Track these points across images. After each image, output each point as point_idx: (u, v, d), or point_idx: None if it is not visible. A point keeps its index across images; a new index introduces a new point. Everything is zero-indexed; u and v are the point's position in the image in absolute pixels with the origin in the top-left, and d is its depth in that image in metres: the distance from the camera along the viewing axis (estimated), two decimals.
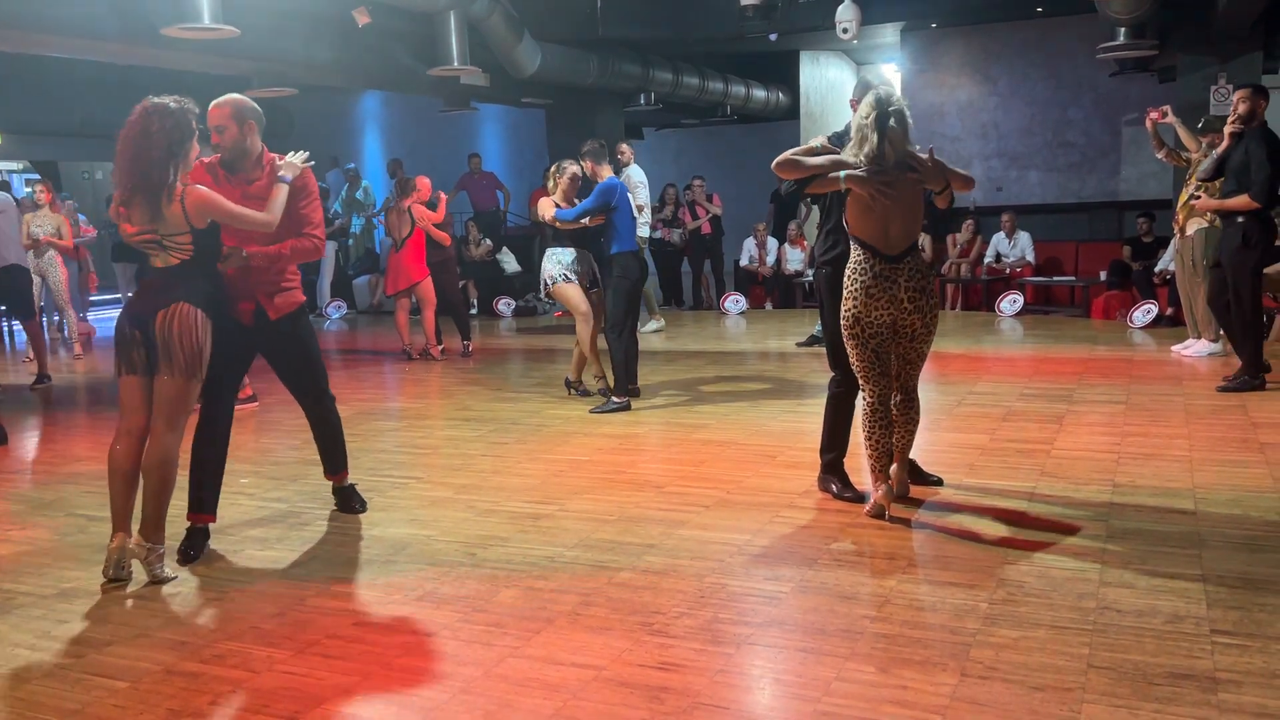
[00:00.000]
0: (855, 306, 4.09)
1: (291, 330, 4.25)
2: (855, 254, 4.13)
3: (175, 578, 3.82)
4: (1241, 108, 6.61)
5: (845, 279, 4.14)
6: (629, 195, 6.96)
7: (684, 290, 13.87)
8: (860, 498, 4.48)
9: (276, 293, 4.19)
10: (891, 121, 3.99)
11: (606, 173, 6.89)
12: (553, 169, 7.07)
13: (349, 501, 4.63)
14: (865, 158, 4.01)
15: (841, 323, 4.16)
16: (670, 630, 3.20)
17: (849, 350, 4.19)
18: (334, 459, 4.59)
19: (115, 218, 3.88)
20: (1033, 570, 3.58)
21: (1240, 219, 6.55)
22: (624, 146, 10.39)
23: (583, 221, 6.79)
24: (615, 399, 6.69)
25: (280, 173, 4.05)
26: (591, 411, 6.65)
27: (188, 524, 4.13)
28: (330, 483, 4.65)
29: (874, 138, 4.00)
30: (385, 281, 9.69)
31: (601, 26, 11.03)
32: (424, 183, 9.53)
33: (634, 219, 6.95)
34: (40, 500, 5.08)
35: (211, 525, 4.21)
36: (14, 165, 17.51)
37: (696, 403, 6.86)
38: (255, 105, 4.10)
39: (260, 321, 4.18)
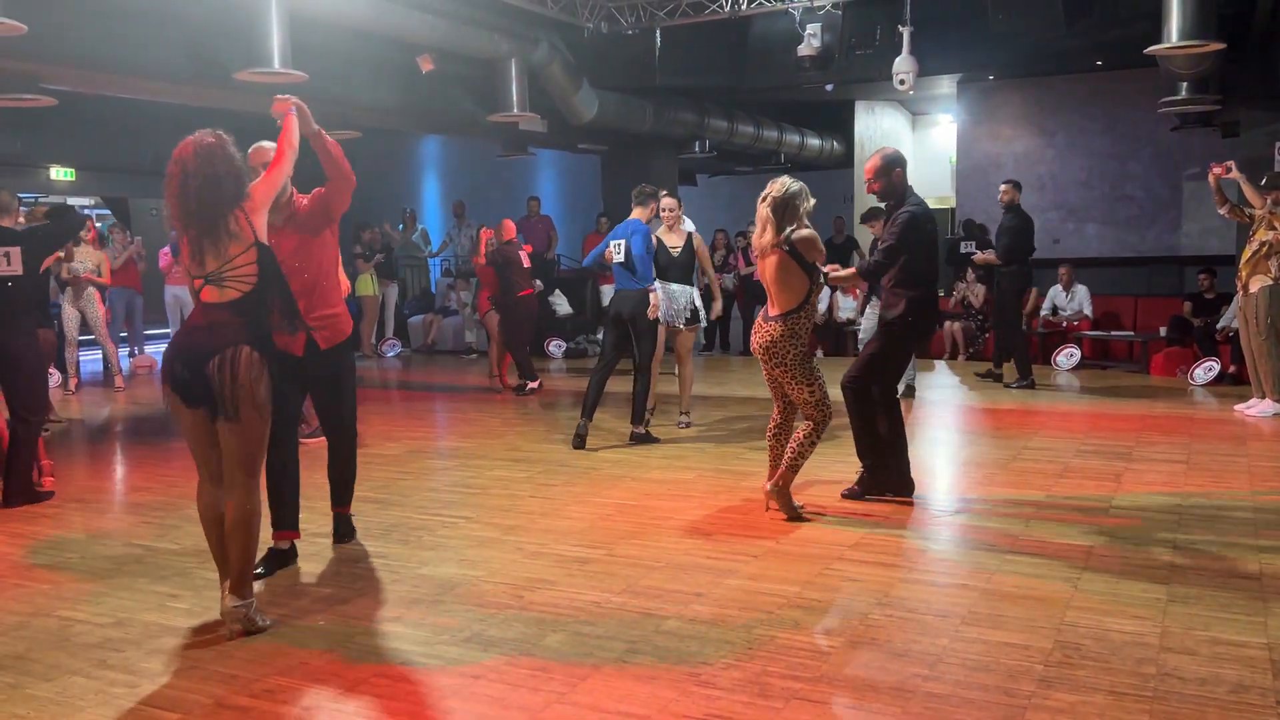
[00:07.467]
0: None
1: (336, 362, 4.44)
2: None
3: (272, 624, 3.71)
4: None
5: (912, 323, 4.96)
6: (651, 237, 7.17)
7: (730, 334, 13.84)
8: (854, 494, 5.38)
9: (327, 323, 4.38)
10: None
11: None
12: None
13: (341, 529, 4.77)
14: None
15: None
16: (717, 682, 3.17)
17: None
18: (339, 492, 4.73)
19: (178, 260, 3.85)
20: (1090, 632, 3.49)
21: None
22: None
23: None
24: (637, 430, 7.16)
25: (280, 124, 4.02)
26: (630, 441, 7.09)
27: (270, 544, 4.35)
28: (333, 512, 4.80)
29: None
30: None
31: (659, 75, 11.19)
32: (509, 225, 9.98)
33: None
34: (100, 530, 5.17)
35: (296, 542, 4.48)
36: (86, 200, 18.09)
37: (746, 450, 6.81)
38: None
39: (309, 352, 4.35)
